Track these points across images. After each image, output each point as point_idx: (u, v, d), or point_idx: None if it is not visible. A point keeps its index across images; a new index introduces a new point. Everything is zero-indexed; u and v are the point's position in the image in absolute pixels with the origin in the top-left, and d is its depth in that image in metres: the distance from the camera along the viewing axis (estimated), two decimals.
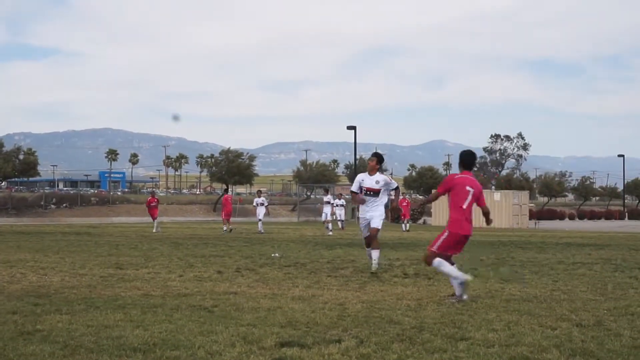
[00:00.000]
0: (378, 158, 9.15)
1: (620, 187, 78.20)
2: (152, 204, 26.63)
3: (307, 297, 6.87)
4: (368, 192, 8.74)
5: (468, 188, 6.18)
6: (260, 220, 25.84)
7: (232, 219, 27.14)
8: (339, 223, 28.73)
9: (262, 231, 24.80)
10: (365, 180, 8.63)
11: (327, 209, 27.28)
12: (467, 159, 6.44)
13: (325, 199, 28.96)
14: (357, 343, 4.25)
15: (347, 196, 29.99)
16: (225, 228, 25.22)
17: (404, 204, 27.79)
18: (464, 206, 6.13)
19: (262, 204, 26.37)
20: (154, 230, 24.77)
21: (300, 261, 11.64)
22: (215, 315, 5.65)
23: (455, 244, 6.27)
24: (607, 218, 71.03)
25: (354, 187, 8.96)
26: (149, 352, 3.88)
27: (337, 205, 28.02)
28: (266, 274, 9.54)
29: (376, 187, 8.69)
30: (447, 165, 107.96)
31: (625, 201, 79.56)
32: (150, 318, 5.33)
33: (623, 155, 71.27)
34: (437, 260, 5.92)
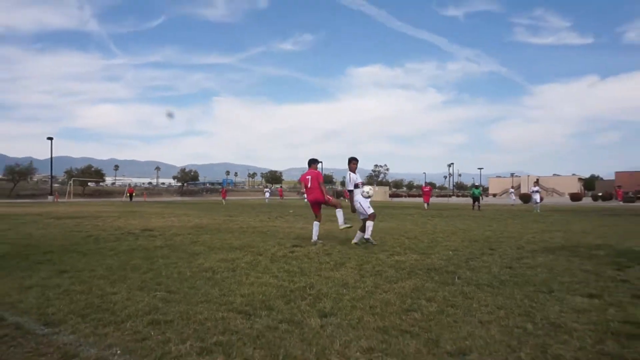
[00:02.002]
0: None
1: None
2: None
3: (305, 227, 12.42)
4: (357, 186, 9.87)
5: (308, 177, 9.97)
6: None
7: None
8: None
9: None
10: (358, 177, 10.02)
11: None
12: (310, 160, 10.18)
13: None
14: (331, 245, 9.62)
15: None
16: None
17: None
18: (309, 185, 10.00)
19: None
20: None
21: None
22: (268, 234, 11.44)
23: (312, 206, 10.15)
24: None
25: (352, 185, 9.78)
26: (241, 249, 9.49)
27: None
28: (286, 219, 15.86)
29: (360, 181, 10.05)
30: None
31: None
32: (242, 237, 11.12)
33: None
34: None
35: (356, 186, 9.82)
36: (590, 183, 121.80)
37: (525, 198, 50.16)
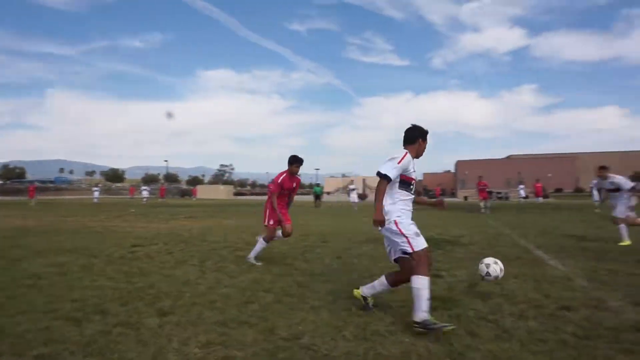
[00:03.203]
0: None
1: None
2: None
3: (146, 227, 11.59)
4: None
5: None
6: None
7: None
8: None
9: None
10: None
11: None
12: (294, 158, 6.49)
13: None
14: (173, 244, 9.06)
15: None
16: None
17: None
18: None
19: None
20: None
21: None
22: (105, 235, 10.37)
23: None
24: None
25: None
26: (73, 251, 8.44)
27: None
28: (125, 218, 14.13)
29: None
30: None
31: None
32: (75, 239, 9.92)
33: None
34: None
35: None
36: None
37: (362, 196, 54.43)
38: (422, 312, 3.51)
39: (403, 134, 4.12)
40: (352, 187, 29.29)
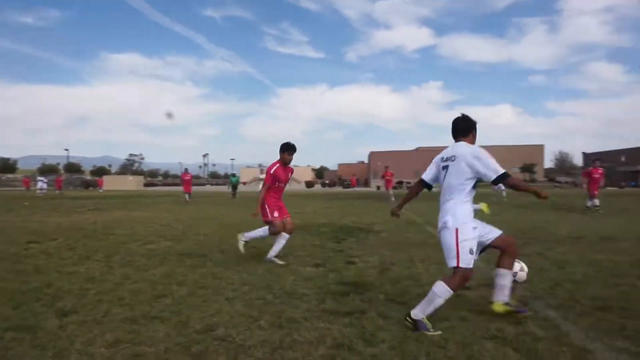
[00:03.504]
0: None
1: None
2: None
3: (43, 221, 10.71)
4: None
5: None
6: None
7: None
8: None
9: None
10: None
11: None
12: (286, 146, 6.05)
13: None
14: (75, 239, 8.38)
15: None
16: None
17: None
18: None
19: None
20: None
21: None
22: None
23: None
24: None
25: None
26: None
27: None
28: (18, 212, 12.98)
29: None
30: None
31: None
32: None
33: None
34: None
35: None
36: (320, 172, 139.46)
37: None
38: (423, 313, 3.39)
39: (452, 125, 3.69)
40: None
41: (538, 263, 5.73)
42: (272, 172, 6.02)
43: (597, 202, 14.18)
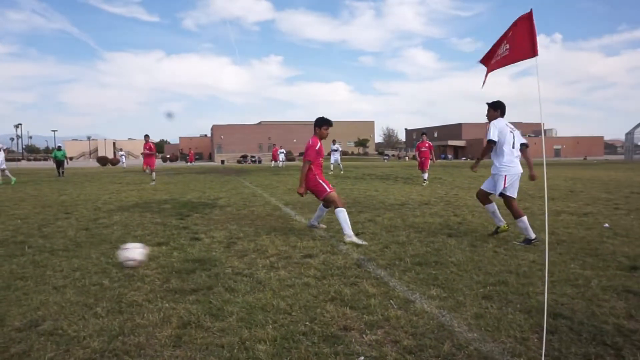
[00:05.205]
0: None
1: None
2: None
3: None
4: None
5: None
6: None
7: None
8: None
9: None
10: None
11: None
12: (322, 120, 6.06)
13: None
14: None
15: None
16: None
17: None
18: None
19: None
20: None
21: None
22: None
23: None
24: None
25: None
26: None
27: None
28: None
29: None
30: None
31: None
32: None
33: None
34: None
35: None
36: (160, 146, 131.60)
37: (103, 161, 49.37)
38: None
39: (503, 106, 5.57)
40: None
41: (370, 228, 6.37)
42: (317, 148, 6.03)
43: (425, 176, 15.63)
